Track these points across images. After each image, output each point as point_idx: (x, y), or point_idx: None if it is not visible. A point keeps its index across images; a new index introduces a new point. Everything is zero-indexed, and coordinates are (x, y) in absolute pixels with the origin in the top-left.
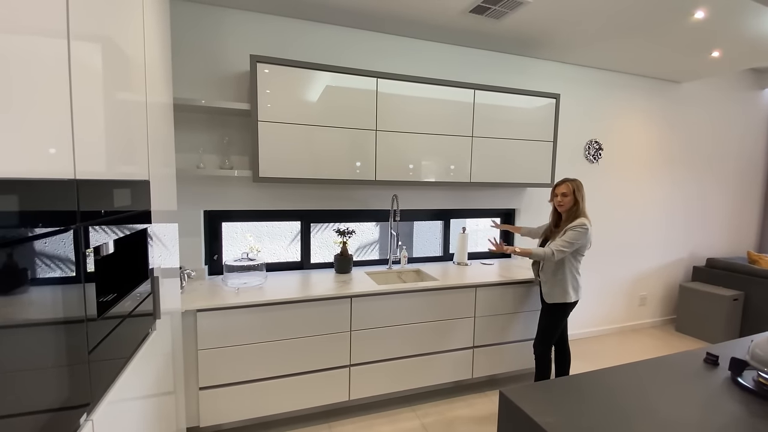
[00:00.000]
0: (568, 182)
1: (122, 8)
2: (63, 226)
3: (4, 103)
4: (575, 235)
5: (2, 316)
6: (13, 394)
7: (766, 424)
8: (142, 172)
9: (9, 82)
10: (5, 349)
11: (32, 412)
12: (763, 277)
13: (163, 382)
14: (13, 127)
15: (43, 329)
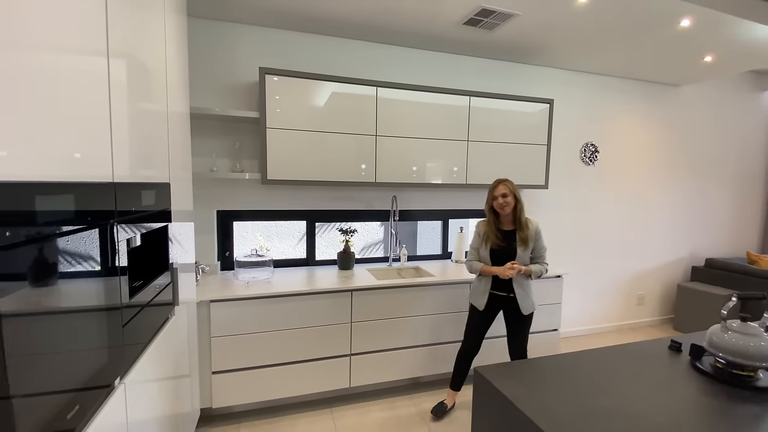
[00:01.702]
0: (505, 182)
1: (147, 28)
2: (105, 221)
3: (66, 119)
4: (542, 239)
5: (61, 290)
6: (74, 355)
7: (718, 401)
8: (163, 175)
9: (70, 100)
10: (66, 318)
11: (86, 371)
12: (760, 277)
13: (180, 365)
14: (69, 138)
15: (89, 304)
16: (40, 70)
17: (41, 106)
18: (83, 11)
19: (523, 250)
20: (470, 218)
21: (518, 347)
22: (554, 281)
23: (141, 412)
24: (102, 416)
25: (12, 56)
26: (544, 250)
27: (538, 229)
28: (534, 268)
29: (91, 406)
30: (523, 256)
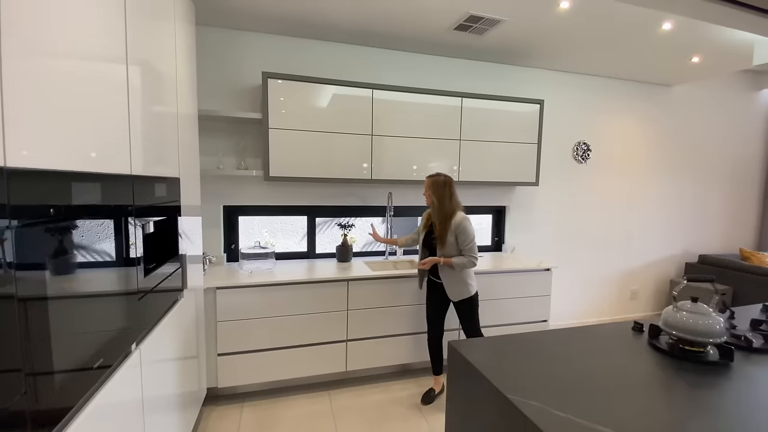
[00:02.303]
0: (428, 178)
1: (160, 37)
2: (125, 207)
3: (93, 119)
4: (468, 232)
5: (88, 263)
6: (99, 320)
7: (664, 372)
8: (174, 171)
9: (96, 102)
10: (95, 283)
11: (109, 331)
12: (751, 273)
13: (189, 346)
14: (95, 136)
15: (112, 280)
16: (73, 76)
17: (72, 107)
18: (106, 22)
19: (441, 245)
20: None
21: (466, 333)
22: (543, 274)
23: (154, 380)
24: (121, 373)
25: (49, 64)
26: (466, 244)
27: (460, 224)
28: (455, 261)
29: (112, 362)
30: (447, 249)
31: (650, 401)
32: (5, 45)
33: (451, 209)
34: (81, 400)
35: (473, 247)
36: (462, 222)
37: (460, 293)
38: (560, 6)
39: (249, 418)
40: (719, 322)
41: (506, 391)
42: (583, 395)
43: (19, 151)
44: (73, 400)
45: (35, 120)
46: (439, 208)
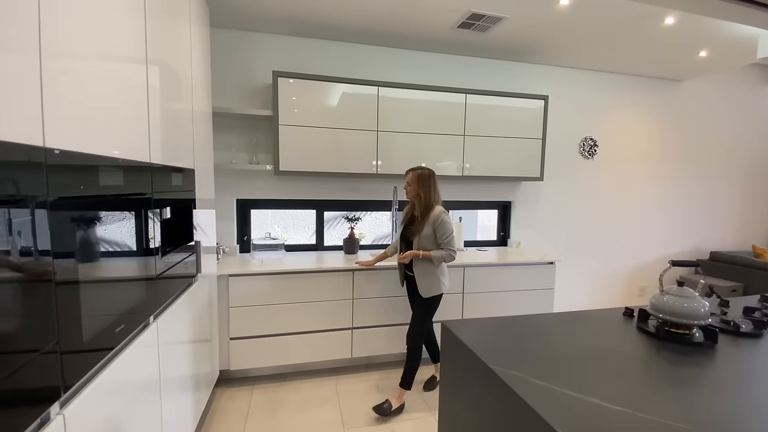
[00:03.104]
0: (411, 171)
1: (177, 38)
2: (146, 191)
3: (128, 113)
4: (446, 225)
5: (114, 240)
6: (122, 291)
7: (648, 351)
8: (189, 164)
9: (120, 99)
10: (119, 263)
11: (129, 302)
12: (763, 269)
13: (203, 329)
14: (120, 129)
15: (136, 258)
16: (100, 74)
17: (102, 101)
18: (129, 26)
19: (417, 237)
20: (468, 209)
21: (411, 328)
22: (546, 267)
23: (171, 358)
24: (141, 340)
25: (80, 64)
26: (445, 237)
27: (438, 218)
28: (434, 254)
29: (132, 330)
30: (421, 241)
31: (628, 375)
32: (44, 48)
33: (432, 202)
34: (103, 360)
35: (452, 240)
36: (440, 215)
37: (430, 289)
38: (560, 3)
39: (259, 400)
40: (704, 306)
41: (490, 363)
42: (563, 369)
43: (55, 135)
44: (97, 358)
45: (68, 110)
46: (418, 198)
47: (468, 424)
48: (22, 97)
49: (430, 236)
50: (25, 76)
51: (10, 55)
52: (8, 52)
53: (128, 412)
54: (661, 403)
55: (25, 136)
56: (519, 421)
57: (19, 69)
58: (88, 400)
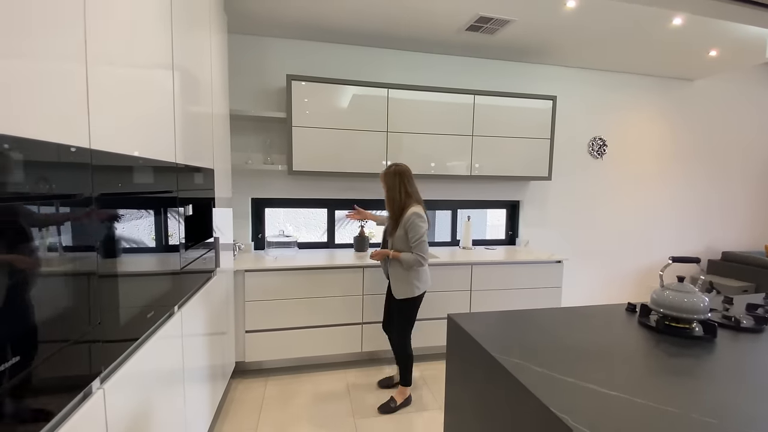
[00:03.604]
0: (385, 170)
1: (198, 45)
2: (173, 190)
3: (157, 116)
4: (417, 229)
5: (144, 235)
6: (152, 282)
7: (647, 344)
8: (209, 164)
9: (157, 104)
10: (149, 256)
11: (157, 292)
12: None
13: (221, 322)
14: (149, 131)
15: (163, 252)
16: (133, 79)
17: (135, 105)
18: (159, 35)
19: (391, 237)
20: (476, 209)
21: (396, 330)
22: (554, 266)
23: (192, 347)
24: (166, 328)
25: (120, 71)
26: (414, 240)
27: (409, 219)
28: (403, 257)
29: (160, 317)
30: (395, 242)
31: (626, 365)
32: (90, 56)
33: (403, 202)
34: (136, 342)
35: (421, 244)
36: (411, 217)
37: (403, 292)
38: (567, 5)
39: (272, 391)
40: (703, 301)
41: (493, 352)
42: (563, 358)
43: (98, 137)
44: (132, 337)
45: (108, 114)
46: (388, 199)
47: (473, 412)
48: (74, 102)
49: (402, 237)
50: (76, 82)
51: (64, 63)
52: (61, 59)
53: (156, 394)
54: (656, 390)
55: (75, 138)
56: (521, 406)
57: (71, 76)
58: (123, 379)
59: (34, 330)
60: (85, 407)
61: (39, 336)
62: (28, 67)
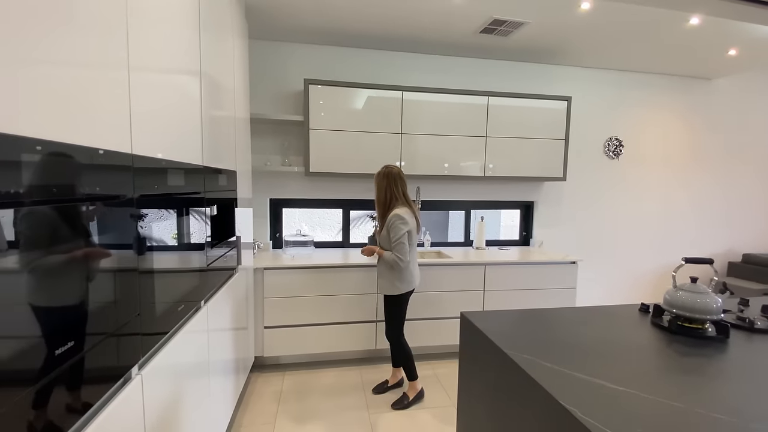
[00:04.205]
0: (379, 171)
1: (222, 51)
2: (200, 191)
3: (187, 121)
4: (397, 230)
5: (176, 234)
6: (183, 278)
7: (662, 344)
8: (231, 165)
9: (186, 109)
10: (179, 255)
11: (186, 288)
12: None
13: (241, 317)
14: (183, 136)
15: (191, 250)
16: (168, 85)
17: (168, 110)
18: (189, 44)
19: (379, 237)
20: (490, 209)
21: (385, 326)
22: (568, 267)
23: (216, 342)
24: (194, 321)
25: (156, 79)
26: (393, 241)
27: (390, 220)
28: (385, 255)
29: (189, 311)
30: (380, 241)
31: (636, 362)
32: (132, 65)
33: (389, 203)
34: (168, 333)
35: (399, 246)
36: (392, 218)
37: (386, 288)
38: (581, 7)
39: (289, 385)
40: (716, 301)
41: (504, 348)
42: (573, 355)
43: (137, 142)
44: (166, 328)
45: (145, 119)
46: (376, 199)
47: (485, 407)
48: (119, 110)
49: (386, 237)
50: (121, 90)
51: (111, 72)
52: (109, 67)
53: (184, 382)
54: (665, 386)
55: (119, 144)
56: (531, 401)
57: (118, 84)
58: (156, 368)
59: (89, 319)
60: (126, 390)
61: (92, 324)
62: (83, 75)
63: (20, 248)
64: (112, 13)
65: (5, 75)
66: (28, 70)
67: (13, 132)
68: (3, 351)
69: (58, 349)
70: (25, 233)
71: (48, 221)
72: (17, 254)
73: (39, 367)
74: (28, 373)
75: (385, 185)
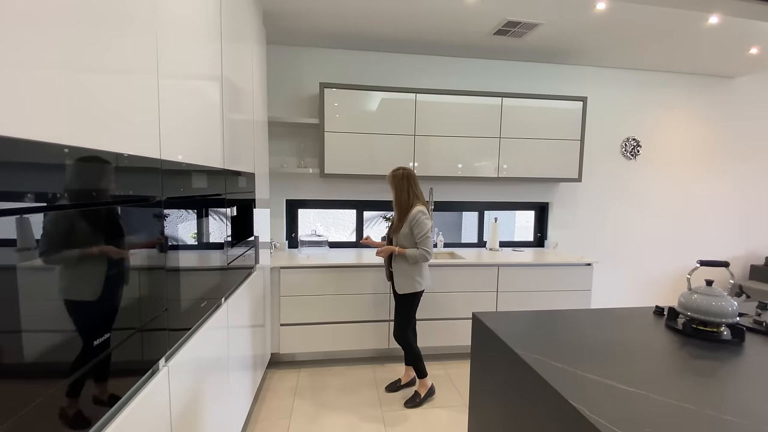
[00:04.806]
0: (390, 172)
1: (242, 57)
2: (221, 193)
3: (209, 125)
4: (423, 225)
5: (198, 233)
6: (206, 277)
7: (675, 346)
8: (250, 168)
9: (208, 114)
10: (201, 254)
11: (208, 286)
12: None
13: (258, 315)
14: (205, 141)
15: (213, 249)
16: (191, 91)
17: (191, 115)
18: (212, 50)
19: (395, 235)
20: (504, 210)
21: (395, 327)
22: (583, 269)
23: (235, 338)
24: (215, 317)
25: (181, 85)
26: (420, 236)
27: (415, 216)
28: (409, 252)
29: (210, 307)
30: (399, 240)
31: (647, 364)
32: (161, 73)
33: (409, 202)
34: (192, 327)
35: (426, 240)
36: (417, 214)
37: (405, 286)
38: (597, 8)
39: (304, 381)
40: (732, 305)
41: (514, 347)
42: (584, 356)
43: (165, 148)
44: (190, 323)
45: (172, 125)
46: (396, 199)
47: (496, 406)
48: (150, 119)
49: (407, 235)
50: (150, 99)
51: (140, 82)
52: (138, 78)
53: (206, 376)
54: (675, 388)
55: (151, 149)
56: (541, 400)
57: (146, 94)
58: (181, 360)
59: (123, 313)
60: (156, 380)
61: (125, 318)
62: (120, 86)
63: (62, 247)
64: (144, 27)
65: (69, 92)
66: (80, 86)
67: (65, 143)
68: (54, 341)
69: (96, 340)
70: (67, 233)
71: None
72: (62, 253)
73: (78, 357)
74: (77, 361)
75: (407, 186)
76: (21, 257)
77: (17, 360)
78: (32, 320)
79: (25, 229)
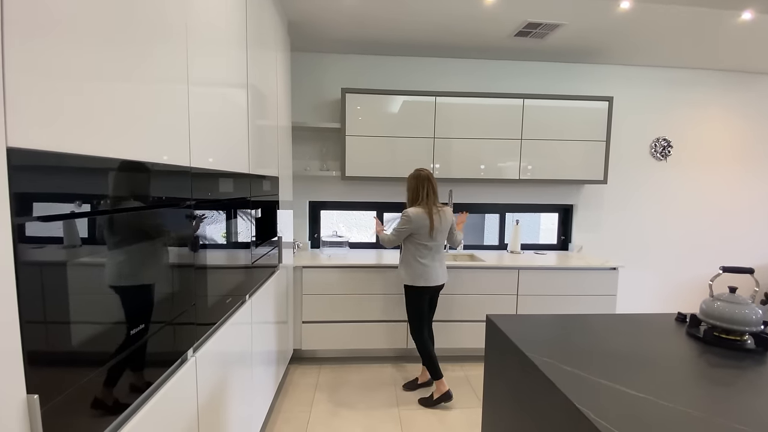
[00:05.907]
0: (410, 174)
1: (266, 64)
2: (247, 196)
3: (235, 131)
4: (398, 223)
5: (224, 233)
6: (232, 275)
7: (694, 354)
8: (274, 172)
9: (235, 120)
10: (228, 253)
11: (234, 283)
12: None
13: (282, 312)
14: (232, 147)
15: (239, 249)
16: (219, 97)
17: (219, 123)
18: (238, 58)
19: None
20: (527, 212)
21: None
22: (608, 273)
23: (259, 333)
24: (239, 313)
25: (210, 93)
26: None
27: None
28: (381, 234)
29: (235, 303)
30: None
31: (662, 371)
32: (191, 82)
33: (410, 201)
34: (218, 322)
35: (394, 231)
36: (404, 212)
37: (400, 276)
38: (621, 6)
39: (325, 378)
40: (756, 313)
41: (525, 349)
42: (596, 361)
43: (196, 156)
44: (216, 318)
45: (203, 135)
46: (406, 199)
47: (508, 408)
48: (181, 128)
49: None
50: (181, 111)
51: (173, 94)
52: (170, 82)
53: (231, 367)
54: (687, 395)
55: (181, 157)
56: (550, 404)
57: (181, 100)
58: (208, 352)
59: (157, 306)
60: (184, 369)
61: (158, 312)
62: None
63: (112, 245)
64: (176, 39)
65: (121, 110)
66: (130, 104)
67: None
68: (100, 329)
69: (133, 330)
70: (112, 232)
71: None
72: (112, 249)
73: (121, 345)
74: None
75: (414, 186)
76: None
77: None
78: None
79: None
